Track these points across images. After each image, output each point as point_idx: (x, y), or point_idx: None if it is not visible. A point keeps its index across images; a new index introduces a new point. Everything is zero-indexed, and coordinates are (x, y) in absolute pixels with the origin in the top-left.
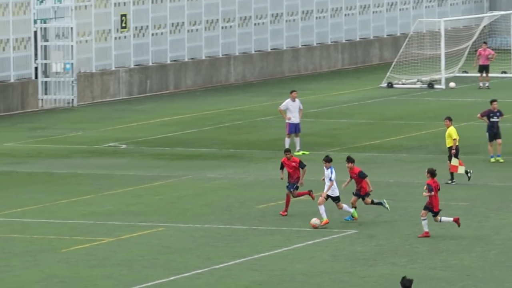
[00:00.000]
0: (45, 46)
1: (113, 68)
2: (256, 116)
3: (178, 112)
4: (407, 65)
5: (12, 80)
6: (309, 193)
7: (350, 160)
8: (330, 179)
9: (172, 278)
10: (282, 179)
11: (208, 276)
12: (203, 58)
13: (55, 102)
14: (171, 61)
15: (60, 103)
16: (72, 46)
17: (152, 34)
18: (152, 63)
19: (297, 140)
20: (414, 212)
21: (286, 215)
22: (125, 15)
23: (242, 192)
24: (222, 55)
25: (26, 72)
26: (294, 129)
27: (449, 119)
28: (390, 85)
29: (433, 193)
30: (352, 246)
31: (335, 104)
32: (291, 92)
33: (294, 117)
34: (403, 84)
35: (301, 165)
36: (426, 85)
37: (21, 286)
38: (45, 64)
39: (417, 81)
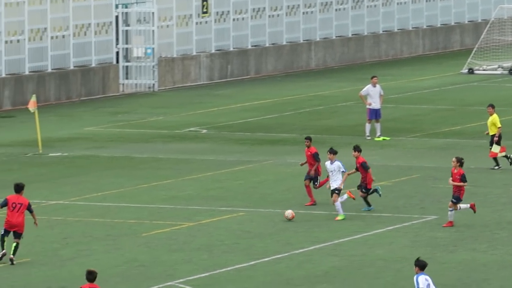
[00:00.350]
0: (127, 31)
1: (194, 53)
2: (336, 102)
3: (259, 97)
4: (488, 51)
5: (93, 65)
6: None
7: (357, 149)
8: (344, 171)
9: (252, 263)
10: (301, 165)
11: (288, 261)
12: (284, 43)
13: (136, 87)
14: (252, 46)
15: (141, 87)
16: (153, 31)
17: (233, 19)
18: (233, 48)
19: (378, 126)
20: (495, 199)
21: (314, 203)
22: (206, 0)
23: (322, 178)
24: (303, 40)
25: (108, 56)
26: (375, 114)
27: (492, 106)
28: (471, 71)
29: (466, 183)
30: (432, 232)
31: (416, 90)
32: (372, 78)
33: (375, 103)
34: (484, 70)
35: (316, 158)
36: (507, 72)
37: (102, 270)
38: (126, 48)
39: (498, 67)
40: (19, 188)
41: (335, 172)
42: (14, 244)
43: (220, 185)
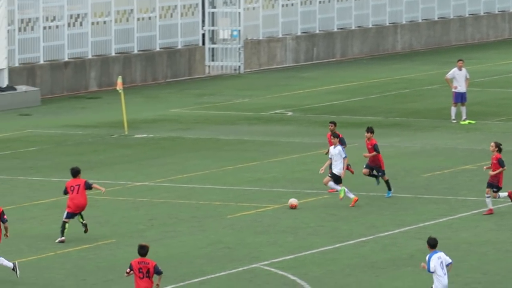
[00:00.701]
0: (213, 12)
1: (280, 36)
2: (422, 85)
3: (344, 80)
4: None
5: (179, 47)
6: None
7: (370, 130)
8: (345, 157)
9: (336, 245)
10: (326, 154)
11: (372, 244)
12: (370, 26)
13: (222, 69)
14: (338, 29)
15: (227, 69)
16: (239, 13)
17: (320, 2)
18: (319, 30)
19: (463, 109)
20: None
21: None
22: None
23: (407, 161)
24: (389, 23)
25: (194, 38)
26: (460, 98)
27: None
28: None
29: (505, 167)
30: None
31: (502, 74)
32: (458, 61)
33: (461, 86)
34: None
35: (342, 141)
36: None
37: (187, 251)
38: (213, 30)
39: None
40: (75, 173)
41: (336, 157)
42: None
43: (305, 168)
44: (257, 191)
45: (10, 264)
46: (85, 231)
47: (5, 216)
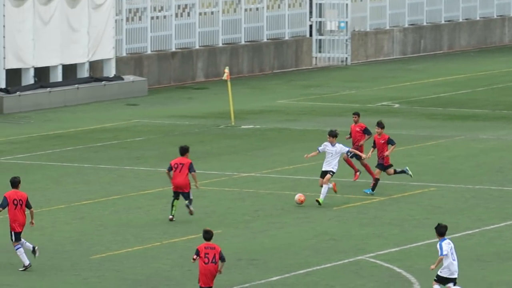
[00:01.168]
0: (320, 4)
1: (387, 27)
2: None
3: (451, 73)
4: None
5: (286, 38)
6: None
7: (380, 125)
8: (348, 150)
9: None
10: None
11: (478, 237)
12: (478, 18)
13: (329, 60)
14: (445, 21)
15: (333, 61)
16: (347, 4)
17: None
18: (427, 23)
19: None
20: None
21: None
22: None
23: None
24: (497, 16)
25: (301, 29)
26: None
27: None
28: None
29: None
30: None
31: None
32: None
33: None
34: None
35: (367, 131)
36: None
37: (293, 243)
38: (320, 22)
39: None
40: (183, 151)
41: (334, 155)
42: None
43: (412, 160)
44: (363, 183)
45: (31, 246)
46: (190, 213)
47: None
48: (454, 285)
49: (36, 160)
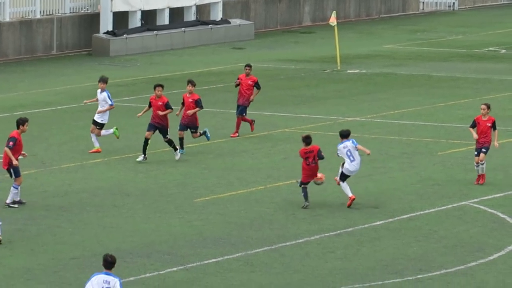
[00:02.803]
0: None
1: None
2: None
3: None
4: None
5: None
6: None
7: (191, 83)
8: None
9: None
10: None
11: None
12: None
13: (436, 5)
14: None
15: (441, 6)
16: None
17: None
18: None
19: None
20: None
21: (237, 135)
22: None
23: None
24: None
25: None
26: None
27: None
28: None
29: None
30: None
31: None
32: None
33: None
34: None
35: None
36: None
37: (397, 188)
38: None
39: None
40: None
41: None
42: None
43: None
44: (468, 128)
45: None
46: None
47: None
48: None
49: (142, 103)
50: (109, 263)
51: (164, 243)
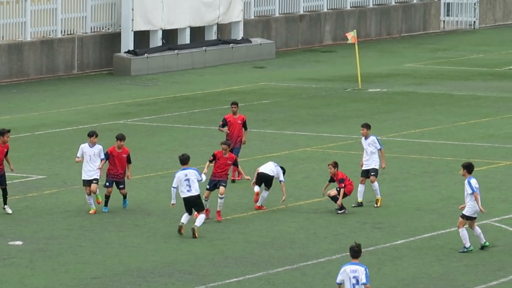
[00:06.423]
0: None
1: None
2: None
3: None
4: None
5: (415, 1)
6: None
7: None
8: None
9: None
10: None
11: None
12: None
13: (457, 24)
14: None
15: (461, 25)
16: None
17: None
18: None
19: None
20: None
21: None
22: None
23: None
24: None
25: None
26: None
27: None
28: None
29: None
30: None
31: None
32: None
33: None
34: None
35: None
36: None
37: (418, 206)
38: None
39: None
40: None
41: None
42: None
43: None
44: (489, 147)
45: None
46: None
47: None
48: None
49: (163, 122)
50: (355, 252)
51: (185, 262)
